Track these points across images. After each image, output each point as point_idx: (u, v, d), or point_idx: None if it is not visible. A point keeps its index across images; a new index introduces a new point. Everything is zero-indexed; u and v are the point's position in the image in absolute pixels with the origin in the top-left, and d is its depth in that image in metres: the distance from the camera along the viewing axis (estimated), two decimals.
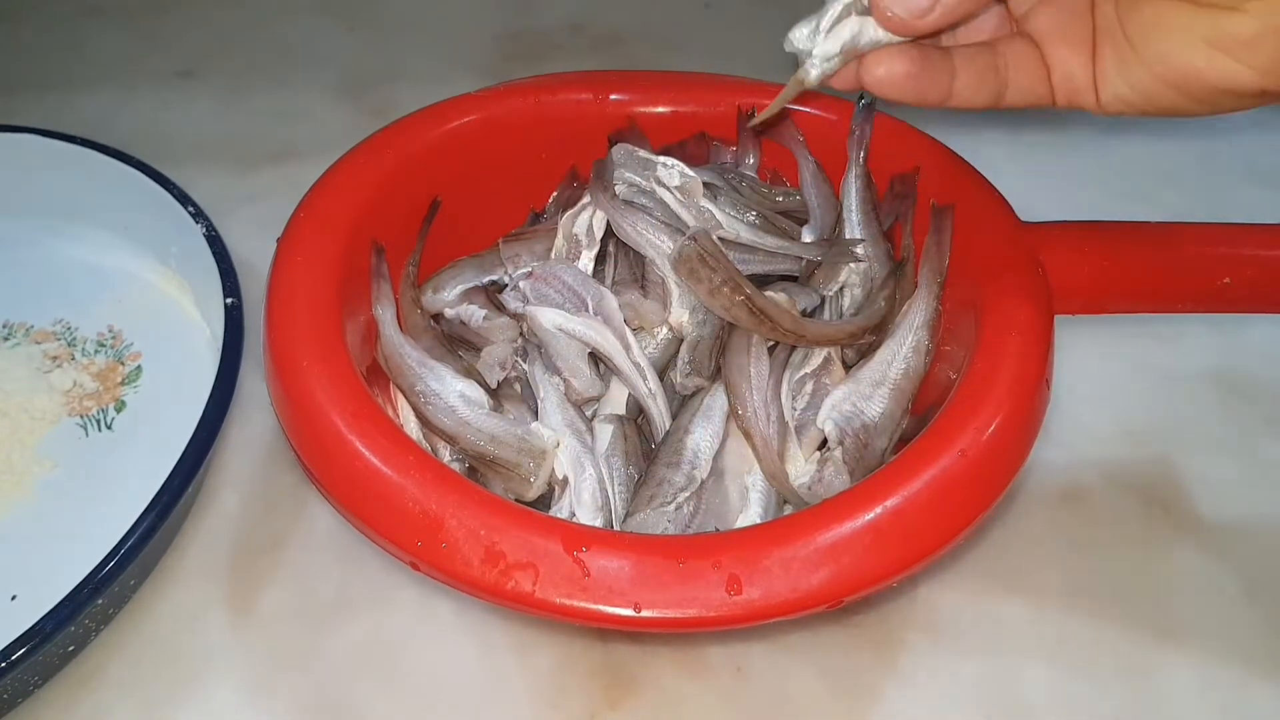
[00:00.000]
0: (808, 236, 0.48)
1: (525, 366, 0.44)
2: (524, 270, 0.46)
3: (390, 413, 0.41)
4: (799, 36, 0.37)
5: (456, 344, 0.45)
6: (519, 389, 0.44)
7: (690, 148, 0.50)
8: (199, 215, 0.48)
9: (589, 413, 0.43)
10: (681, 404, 0.43)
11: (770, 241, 0.45)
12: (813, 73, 0.38)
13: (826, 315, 0.45)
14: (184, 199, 0.49)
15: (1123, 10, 0.36)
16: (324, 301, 0.40)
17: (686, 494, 0.39)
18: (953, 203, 0.45)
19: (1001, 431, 0.36)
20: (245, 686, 0.39)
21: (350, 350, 0.39)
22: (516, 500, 0.38)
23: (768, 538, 0.34)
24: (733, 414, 0.40)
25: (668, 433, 0.41)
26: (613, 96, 0.50)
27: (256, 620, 0.41)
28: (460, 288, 0.46)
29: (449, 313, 0.46)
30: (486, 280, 0.47)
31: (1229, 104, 0.36)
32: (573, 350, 0.42)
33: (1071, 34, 0.38)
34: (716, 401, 0.41)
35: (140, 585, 0.41)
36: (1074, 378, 0.49)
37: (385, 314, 0.43)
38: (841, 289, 0.46)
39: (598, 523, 0.38)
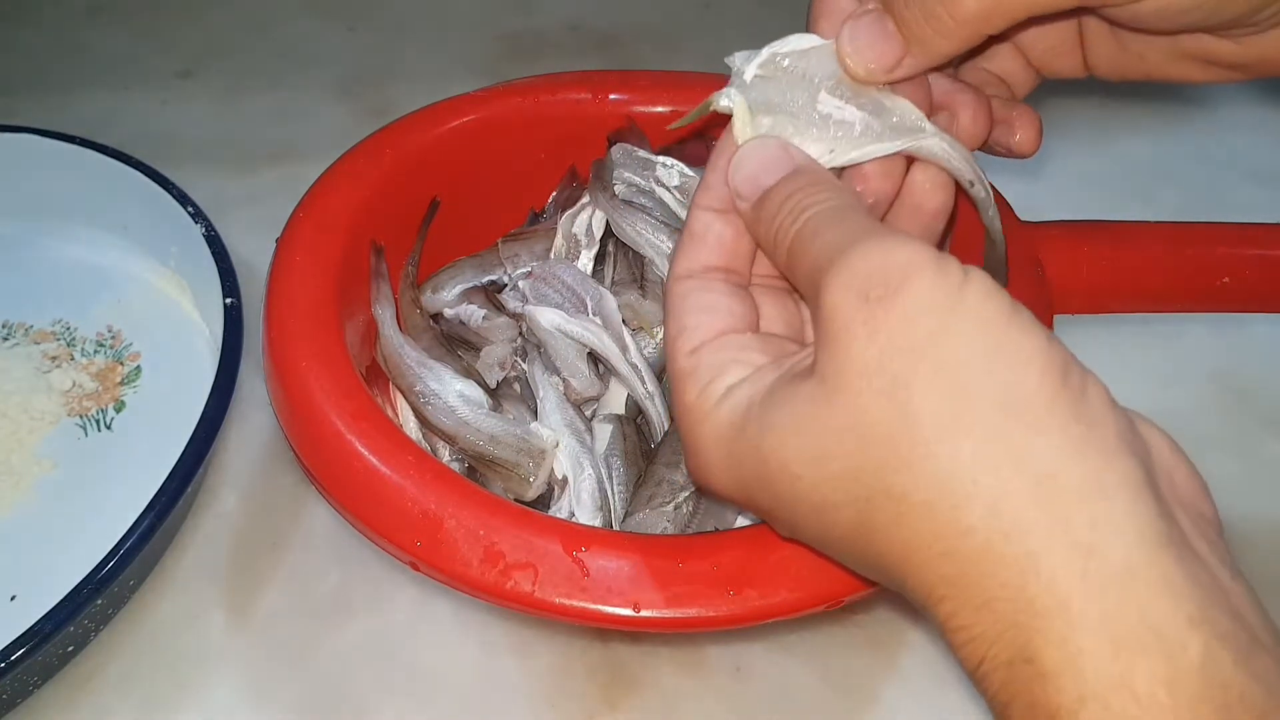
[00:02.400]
0: None
1: (525, 366, 0.44)
2: (523, 270, 0.46)
3: (390, 413, 0.41)
4: (739, 55, 0.32)
5: (456, 344, 0.45)
6: (518, 389, 0.44)
7: (690, 148, 0.50)
8: (198, 215, 0.48)
9: (588, 412, 0.43)
10: None
11: None
12: (721, 101, 0.32)
13: None
14: (183, 199, 0.49)
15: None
16: (323, 301, 0.40)
17: (686, 494, 0.38)
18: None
19: None
20: (244, 687, 0.39)
21: (350, 350, 0.39)
22: (516, 500, 0.38)
23: (768, 538, 0.34)
24: None
25: (667, 432, 0.41)
26: (612, 96, 0.50)
27: (255, 620, 0.41)
28: (460, 287, 0.46)
29: (448, 313, 0.46)
30: (486, 280, 0.47)
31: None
32: (572, 350, 0.42)
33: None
34: None
35: (140, 585, 0.41)
36: None
37: (384, 314, 0.43)
38: None
39: (597, 523, 0.38)
